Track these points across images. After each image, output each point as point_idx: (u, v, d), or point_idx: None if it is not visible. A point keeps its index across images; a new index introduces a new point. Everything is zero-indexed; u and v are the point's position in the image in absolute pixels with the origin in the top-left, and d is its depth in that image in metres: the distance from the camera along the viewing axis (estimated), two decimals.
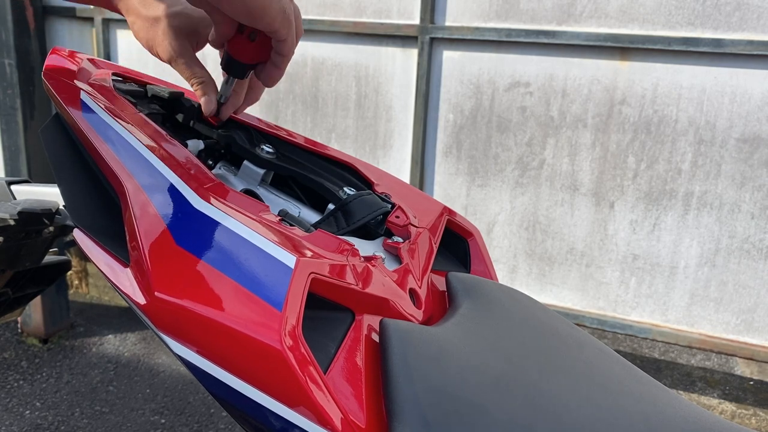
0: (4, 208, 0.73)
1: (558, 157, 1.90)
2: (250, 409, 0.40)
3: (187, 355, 0.42)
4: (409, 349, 0.44)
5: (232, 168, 0.69)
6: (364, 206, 0.60)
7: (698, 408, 0.49)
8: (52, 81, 0.61)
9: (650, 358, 2.26)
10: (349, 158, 0.69)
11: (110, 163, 0.53)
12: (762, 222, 1.74)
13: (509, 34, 1.84)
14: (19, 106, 2.38)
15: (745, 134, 1.71)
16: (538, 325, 0.56)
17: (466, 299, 0.55)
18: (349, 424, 0.40)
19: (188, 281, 0.43)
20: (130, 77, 0.71)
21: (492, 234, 2.03)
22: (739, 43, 1.64)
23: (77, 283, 2.86)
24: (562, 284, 1.99)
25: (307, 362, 0.39)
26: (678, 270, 1.85)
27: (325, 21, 2.05)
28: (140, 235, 0.46)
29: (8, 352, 2.43)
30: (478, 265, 0.69)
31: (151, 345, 2.47)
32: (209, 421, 2.07)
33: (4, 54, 2.34)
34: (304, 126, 2.18)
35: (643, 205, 1.84)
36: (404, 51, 2.00)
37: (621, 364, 0.54)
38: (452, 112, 1.99)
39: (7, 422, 2.03)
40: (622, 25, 1.75)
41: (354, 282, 0.48)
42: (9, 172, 2.49)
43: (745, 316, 1.81)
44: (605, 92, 1.81)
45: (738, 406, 2.08)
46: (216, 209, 0.48)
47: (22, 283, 0.88)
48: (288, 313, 0.40)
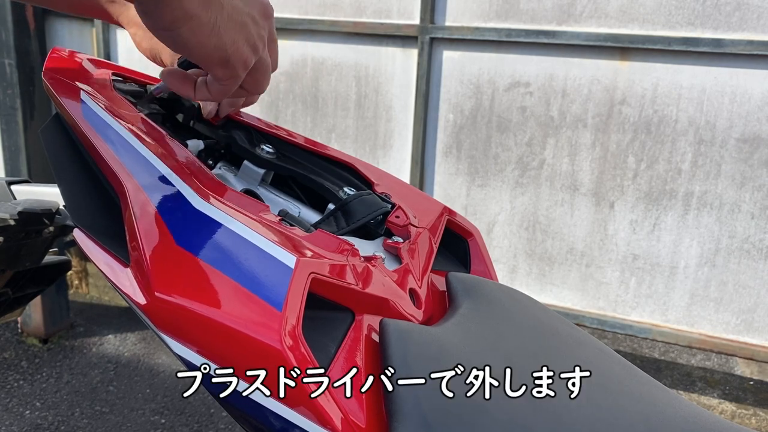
0: (4, 208, 0.73)
1: (558, 157, 1.90)
2: (250, 408, 0.40)
3: (187, 355, 0.42)
4: (409, 349, 0.44)
5: (232, 168, 0.69)
6: (364, 206, 0.60)
7: (698, 408, 0.49)
8: (52, 81, 0.61)
9: (650, 358, 2.26)
10: (349, 158, 0.69)
11: (110, 162, 0.53)
12: (762, 222, 1.74)
13: (509, 34, 1.84)
14: (19, 106, 2.38)
15: (745, 134, 1.71)
16: (538, 325, 0.56)
17: (466, 299, 0.55)
18: (349, 424, 0.40)
19: (188, 281, 0.43)
20: (130, 77, 0.71)
21: (492, 234, 2.03)
22: (739, 43, 1.64)
23: (77, 283, 2.86)
24: (562, 284, 1.99)
25: (307, 362, 0.39)
26: (678, 270, 1.85)
27: (325, 21, 2.05)
28: (140, 235, 0.46)
29: (8, 352, 2.43)
30: (478, 265, 0.69)
31: (151, 345, 2.47)
32: (209, 421, 2.07)
33: (4, 54, 2.34)
34: (304, 126, 2.18)
35: (643, 205, 1.84)
36: (404, 51, 2.00)
37: (621, 364, 0.54)
38: (452, 112, 1.99)
39: (7, 422, 2.03)
40: (622, 25, 1.75)
41: (354, 282, 0.48)
42: (9, 172, 2.49)
43: (745, 316, 1.81)
44: (605, 92, 1.81)
45: (738, 406, 2.08)
46: (216, 209, 0.48)
47: (22, 283, 0.88)
48: (288, 313, 0.40)
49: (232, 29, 0.48)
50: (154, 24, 0.46)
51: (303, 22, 2.08)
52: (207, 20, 0.46)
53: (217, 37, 0.47)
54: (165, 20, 0.45)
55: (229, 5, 0.47)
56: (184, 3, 0.44)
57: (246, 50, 0.49)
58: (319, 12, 2.07)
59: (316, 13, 2.08)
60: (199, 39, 0.46)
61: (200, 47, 0.47)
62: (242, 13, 0.48)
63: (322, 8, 2.06)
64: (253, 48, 0.50)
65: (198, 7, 0.45)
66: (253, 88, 0.54)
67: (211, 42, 0.47)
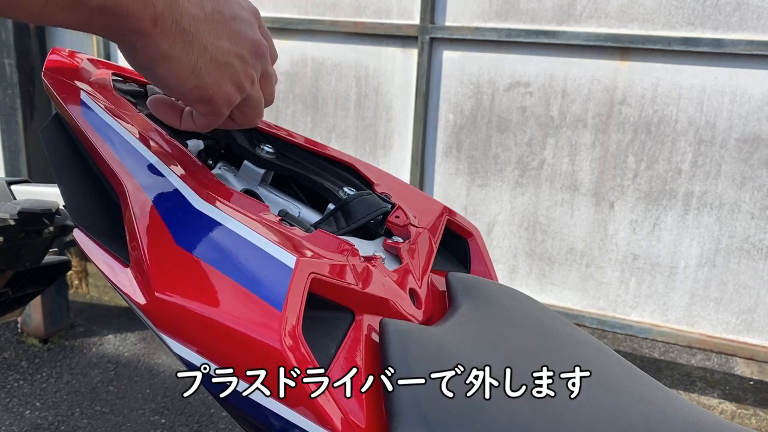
0: (4, 208, 0.73)
1: (558, 157, 1.90)
2: (250, 408, 0.40)
3: (187, 355, 0.42)
4: (409, 349, 0.44)
5: (232, 168, 0.69)
6: (364, 206, 0.60)
7: (698, 408, 0.49)
8: (52, 81, 0.61)
9: (650, 358, 2.26)
10: (349, 158, 0.69)
11: (110, 162, 0.53)
12: (762, 222, 1.74)
13: (509, 34, 1.84)
14: (19, 106, 2.38)
15: (745, 134, 1.71)
16: (538, 325, 0.56)
17: (466, 299, 0.55)
18: (349, 424, 0.40)
19: (188, 281, 0.43)
20: (130, 77, 0.71)
21: (492, 234, 2.03)
22: (739, 43, 1.64)
23: (77, 283, 2.86)
24: (562, 284, 1.99)
25: (307, 362, 0.39)
26: (678, 270, 1.85)
27: (325, 21, 2.05)
28: (140, 235, 0.46)
29: (8, 352, 2.43)
30: (478, 265, 0.69)
31: (151, 345, 2.47)
32: (209, 421, 2.07)
33: (4, 54, 2.34)
34: (304, 126, 2.18)
35: (643, 205, 1.84)
36: (404, 51, 2.00)
37: (621, 364, 0.54)
38: (452, 112, 1.99)
39: (7, 422, 2.03)
40: (622, 25, 1.75)
41: (354, 282, 0.48)
42: (9, 172, 2.49)
43: (745, 316, 1.81)
44: (605, 92, 1.81)
45: (738, 406, 2.09)
46: (216, 209, 0.48)
47: (22, 283, 0.88)
48: (288, 313, 0.40)
49: (215, 70, 0.47)
50: (132, 61, 0.47)
51: (303, 22, 2.08)
52: (186, 62, 0.46)
53: (197, 78, 0.47)
54: (143, 59, 0.45)
55: (213, 47, 0.47)
56: (162, 46, 0.44)
57: (230, 89, 0.49)
58: (319, 12, 2.07)
59: (316, 13, 2.08)
60: (178, 79, 0.46)
61: (179, 87, 0.47)
62: (228, 53, 0.48)
63: (322, 8, 2.06)
64: (238, 87, 0.50)
65: (177, 49, 0.45)
66: (243, 121, 0.54)
67: (191, 82, 0.47)
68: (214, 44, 0.47)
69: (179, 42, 0.45)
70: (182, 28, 0.44)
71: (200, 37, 0.46)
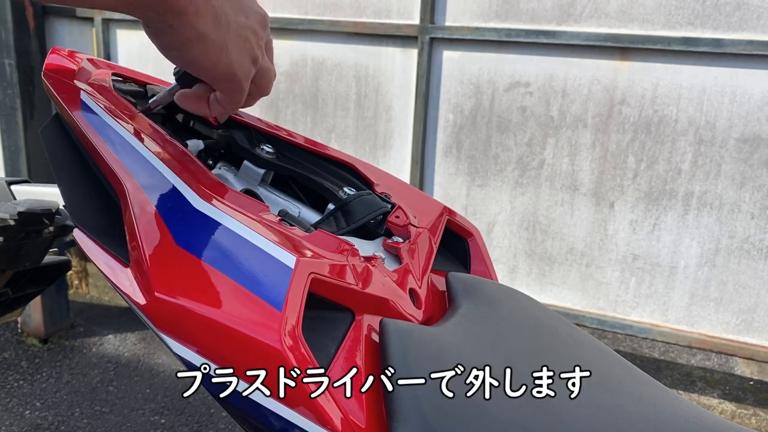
0: (4, 208, 0.73)
1: (558, 157, 1.90)
2: (250, 408, 0.40)
3: (187, 355, 0.42)
4: (409, 349, 0.44)
5: (232, 168, 0.69)
6: (364, 206, 0.60)
7: (698, 408, 0.49)
8: (52, 81, 0.61)
9: (650, 358, 2.26)
10: (349, 158, 0.69)
11: (110, 163, 0.53)
12: (762, 222, 1.74)
13: (509, 34, 1.84)
14: (19, 106, 2.38)
15: (745, 134, 1.71)
16: (538, 325, 0.56)
17: (466, 299, 0.55)
18: (349, 424, 0.40)
19: (188, 281, 0.43)
20: (130, 77, 0.71)
21: (492, 234, 2.03)
22: (739, 43, 1.64)
23: (77, 283, 2.86)
24: (562, 284, 1.99)
25: (307, 362, 0.39)
26: (678, 270, 1.85)
27: (325, 21, 2.05)
28: (140, 235, 0.46)
29: (8, 352, 2.43)
30: (478, 265, 0.69)
31: (151, 345, 2.47)
32: (209, 421, 2.07)
33: (4, 54, 2.34)
34: (304, 126, 2.18)
35: (643, 205, 1.84)
36: (404, 51, 2.00)
37: (621, 364, 0.54)
38: (452, 112, 1.99)
39: (7, 422, 2.03)
40: (622, 25, 1.75)
41: (354, 282, 0.48)
42: (9, 172, 2.49)
43: (745, 316, 1.81)
44: (605, 92, 1.81)
45: (738, 406, 2.09)
46: (216, 209, 0.48)
47: (22, 283, 0.88)
48: (288, 313, 0.40)
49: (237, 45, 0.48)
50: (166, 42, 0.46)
51: (303, 22, 2.08)
52: (218, 40, 0.46)
53: (226, 56, 0.47)
54: (177, 40, 0.45)
55: (235, 23, 0.48)
56: (197, 24, 0.44)
57: (248, 62, 0.50)
58: (319, 12, 2.07)
59: (316, 13, 2.08)
60: (211, 59, 0.47)
61: (212, 67, 0.48)
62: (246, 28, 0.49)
63: (322, 8, 2.06)
64: (254, 59, 0.51)
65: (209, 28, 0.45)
66: (257, 93, 0.55)
67: (223, 60, 0.47)
68: (236, 20, 0.48)
69: (210, 20, 0.45)
70: (212, 6, 0.45)
71: (225, 14, 0.46)
